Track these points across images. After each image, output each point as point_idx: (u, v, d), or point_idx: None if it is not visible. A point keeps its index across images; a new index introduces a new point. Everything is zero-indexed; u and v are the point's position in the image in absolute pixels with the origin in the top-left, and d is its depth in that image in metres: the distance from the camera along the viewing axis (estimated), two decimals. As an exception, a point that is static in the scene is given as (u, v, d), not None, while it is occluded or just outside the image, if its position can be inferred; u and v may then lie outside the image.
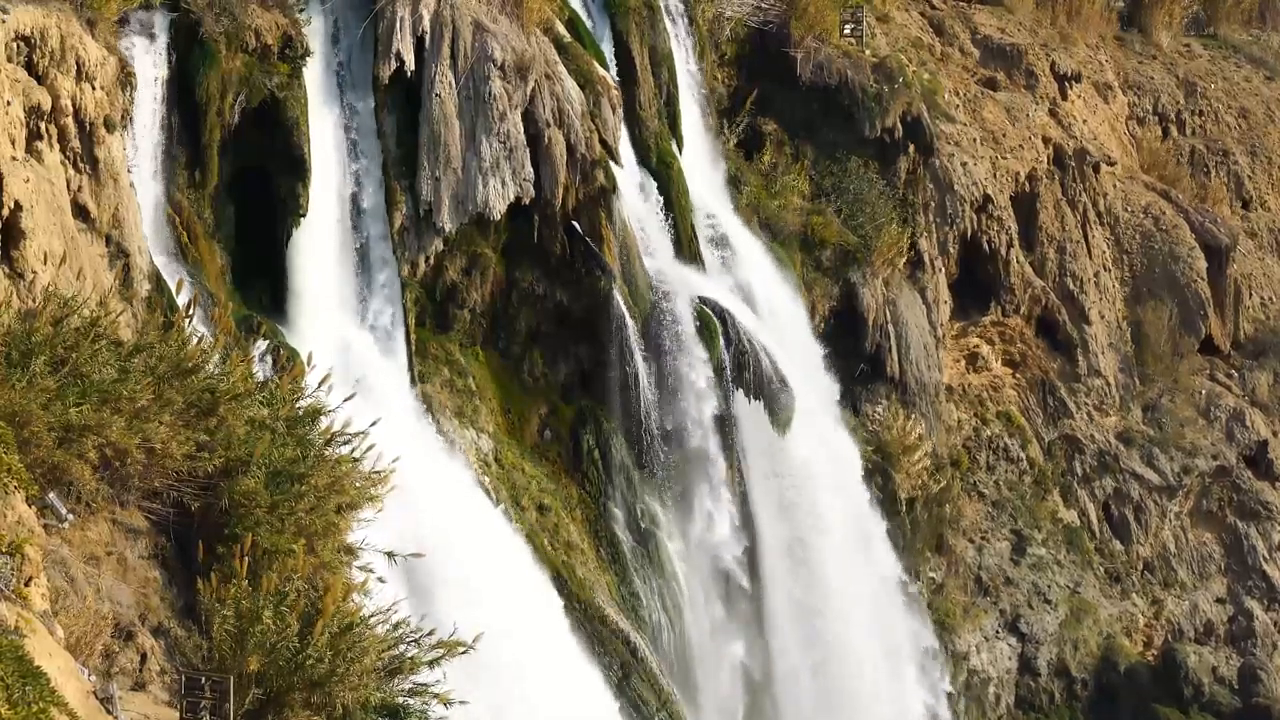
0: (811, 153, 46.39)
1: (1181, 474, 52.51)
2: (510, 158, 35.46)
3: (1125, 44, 62.06)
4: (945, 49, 54.52)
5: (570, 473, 37.71)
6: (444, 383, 35.95)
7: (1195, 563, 52.73)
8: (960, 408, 49.93)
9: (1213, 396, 54.90)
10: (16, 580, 15.16)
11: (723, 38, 45.89)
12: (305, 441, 20.34)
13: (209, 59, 31.70)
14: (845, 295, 44.64)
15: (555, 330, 37.74)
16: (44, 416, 17.77)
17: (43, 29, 26.94)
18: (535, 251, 37.04)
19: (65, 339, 18.98)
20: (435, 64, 35.11)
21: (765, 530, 40.07)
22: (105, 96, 28.32)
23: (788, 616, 40.40)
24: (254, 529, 18.74)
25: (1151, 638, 51.14)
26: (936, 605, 46.26)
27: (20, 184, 25.10)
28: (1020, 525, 49.54)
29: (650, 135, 40.69)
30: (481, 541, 32.65)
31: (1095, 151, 54.48)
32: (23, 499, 16.37)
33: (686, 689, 37.50)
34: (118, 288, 27.01)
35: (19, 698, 13.08)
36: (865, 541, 42.77)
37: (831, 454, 42.29)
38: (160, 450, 18.85)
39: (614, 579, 37.10)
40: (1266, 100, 63.44)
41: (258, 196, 33.03)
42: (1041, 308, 51.39)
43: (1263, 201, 61.43)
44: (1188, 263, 55.06)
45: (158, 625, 18.44)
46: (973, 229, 49.43)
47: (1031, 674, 48.11)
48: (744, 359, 39.11)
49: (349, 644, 17.79)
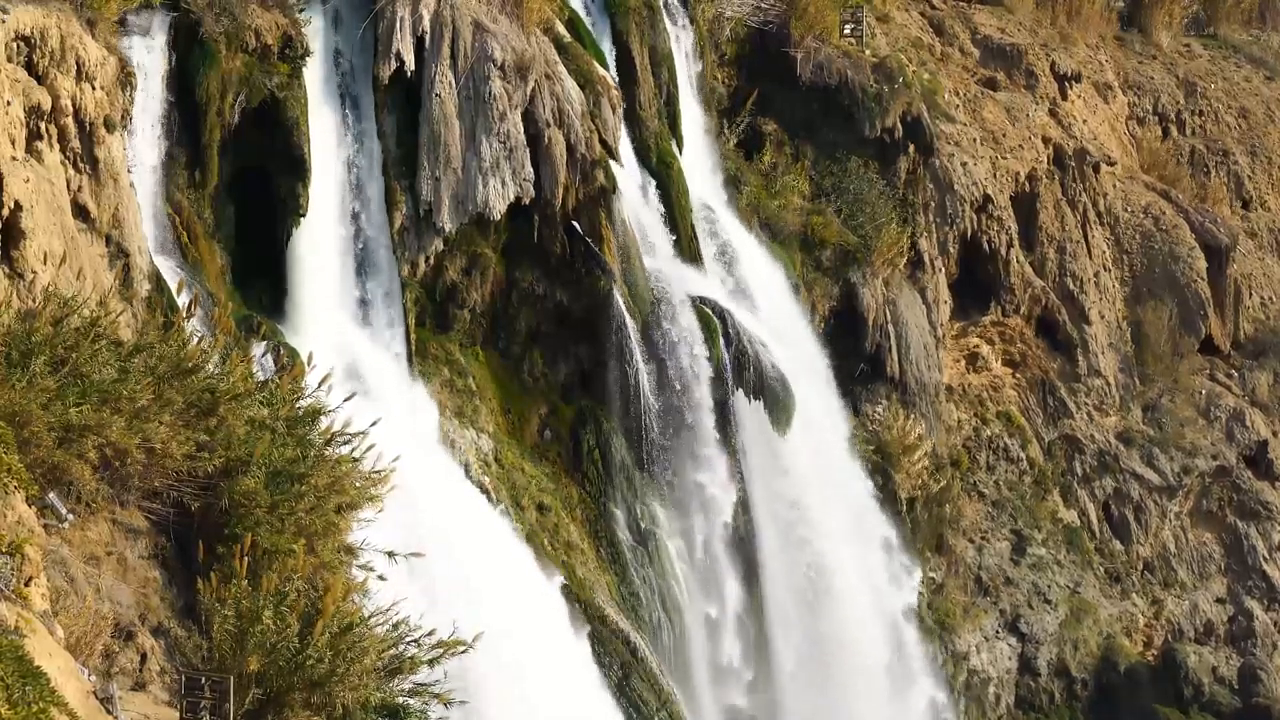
0: (811, 153, 46.40)
1: (1181, 474, 52.50)
2: (510, 158, 35.46)
3: (1125, 44, 62.04)
4: (945, 49, 54.51)
5: (570, 473, 37.70)
6: (444, 383, 35.95)
7: (1195, 563, 52.72)
8: (960, 408, 49.93)
9: (1213, 396, 54.88)
10: (16, 580, 15.16)
11: (723, 38, 45.89)
12: (305, 441, 20.35)
13: (209, 59, 31.69)
14: (845, 295, 44.65)
15: (555, 330, 37.73)
16: (44, 416, 17.77)
17: (43, 29, 26.92)
18: (535, 251, 37.04)
19: (65, 339, 18.98)
20: (435, 64, 35.11)
21: (765, 530, 40.07)
22: (105, 96, 28.30)
23: (788, 616, 40.40)
24: (254, 529, 18.74)
25: (1151, 638, 51.13)
26: (936, 605, 46.26)
27: (20, 184, 25.09)
28: (1020, 525, 49.53)
29: (650, 135, 40.69)
30: (481, 541, 32.64)
31: (1095, 151, 54.46)
32: (23, 499, 16.37)
33: (686, 688, 37.50)
34: (118, 288, 26.99)
35: (19, 698, 13.08)
36: (866, 541, 42.78)
37: (831, 454, 42.29)
38: (160, 450, 18.85)
39: (614, 579, 37.09)
40: (1266, 100, 63.42)
41: (258, 196, 33.01)
42: (1041, 308, 51.38)
43: (1263, 201, 61.41)
44: (1188, 263, 55.05)
45: (158, 625, 18.44)
46: (973, 229, 49.43)
47: (1031, 674, 48.10)
48: (744, 359, 39.12)
49: (349, 644, 17.79)
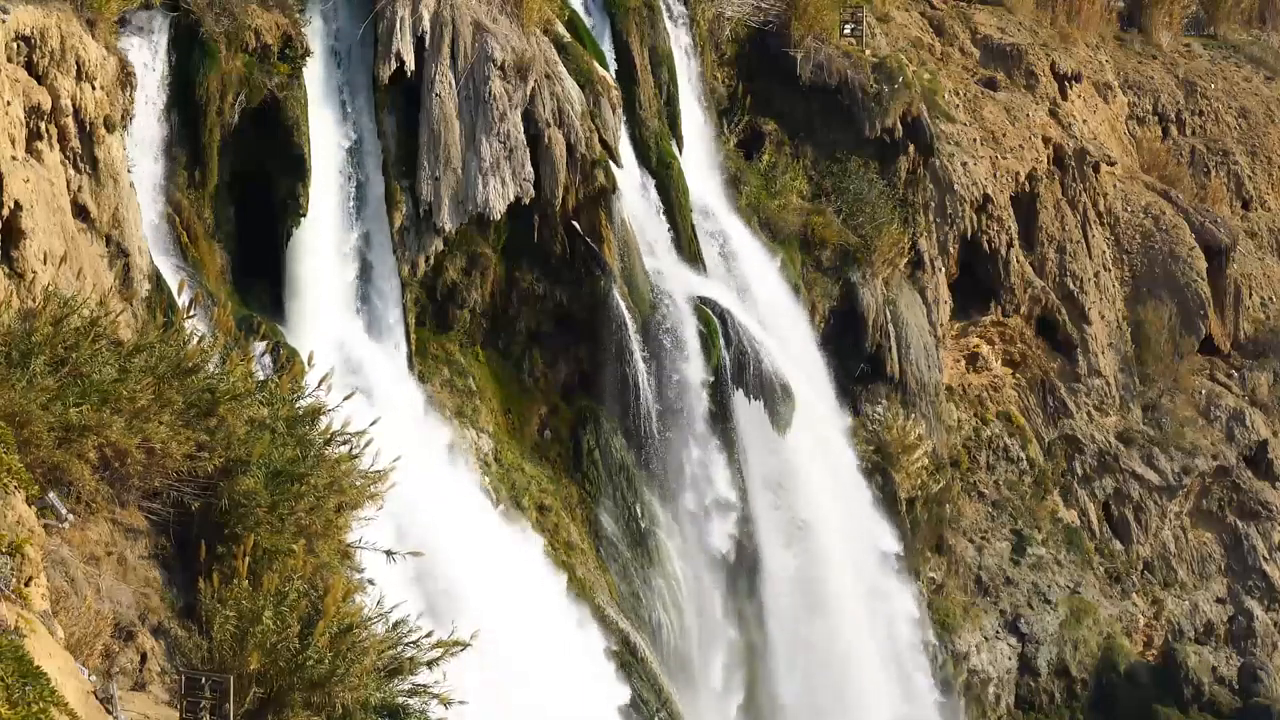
0: (811, 153, 46.38)
1: (1181, 474, 52.49)
2: (510, 158, 35.45)
3: (1125, 44, 62.03)
4: (945, 49, 54.51)
5: (570, 473, 37.70)
6: (444, 383, 35.95)
7: (1195, 563, 52.72)
8: (960, 408, 49.92)
9: (1213, 396, 54.89)
10: (16, 580, 15.16)
11: (723, 38, 45.87)
12: (305, 441, 20.36)
13: (209, 59, 31.69)
14: (845, 295, 44.63)
15: (555, 330, 37.73)
16: (44, 416, 17.77)
17: (43, 29, 26.91)
18: (535, 251, 37.04)
19: (65, 339, 18.98)
20: (435, 64, 35.11)
21: (765, 530, 40.05)
22: (105, 96, 28.30)
23: (787, 616, 40.39)
24: (254, 529, 18.75)
25: (1151, 638, 51.13)
26: (936, 605, 46.25)
27: (20, 184, 25.09)
28: (1020, 525, 49.52)
29: (650, 135, 40.67)
30: (480, 541, 32.65)
31: (1095, 151, 54.46)
32: (23, 499, 16.36)
33: (686, 687, 37.50)
34: (118, 288, 27.01)
35: (19, 698, 13.08)
36: (866, 542, 42.76)
37: (831, 454, 42.28)
38: (160, 450, 18.85)
39: (614, 579, 37.09)
40: (1266, 100, 63.40)
41: (257, 196, 33.01)
42: (1041, 308, 51.37)
43: (1263, 201, 61.41)
44: (1188, 263, 55.06)
45: (158, 625, 18.44)
46: (973, 229, 49.42)
47: (1031, 674, 48.09)
48: (744, 359, 39.11)
49: (349, 644, 17.79)
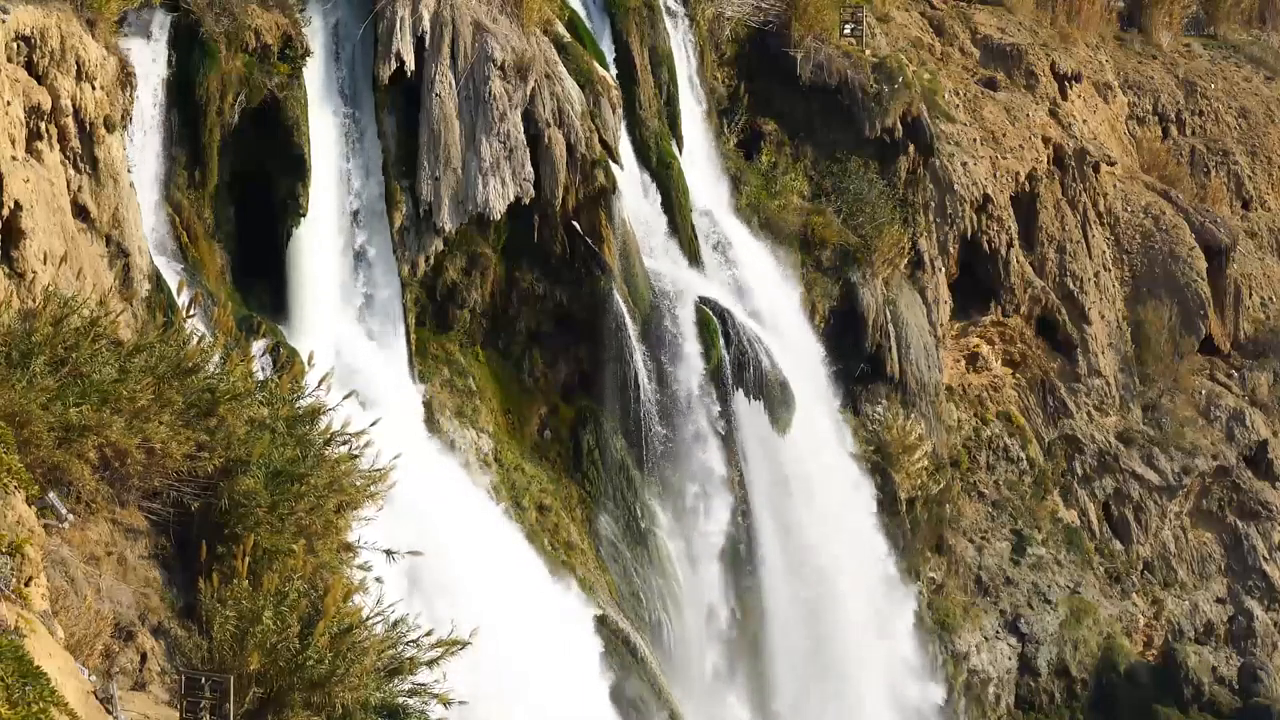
0: (811, 153, 46.38)
1: (1181, 474, 52.48)
2: (510, 158, 35.45)
3: (1125, 44, 62.02)
4: (945, 49, 54.50)
5: (570, 473, 37.70)
6: (444, 383, 35.95)
7: (1195, 563, 52.71)
8: (960, 408, 49.92)
9: (1213, 396, 54.88)
10: (16, 580, 15.16)
11: (723, 37, 45.87)
12: (305, 441, 20.35)
13: (209, 59, 31.70)
14: (845, 295, 44.62)
15: (555, 330, 37.73)
16: (44, 416, 17.76)
17: (43, 29, 26.92)
18: (535, 251, 37.04)
19: (65, 339, 18.98)
20: (435, 64, 35.11)
21: (765, 530, 40.05)
22: (105, 96, 28.30)
23: (787, 615, 40.39)
24: (254, 529, 18.74)
25: (1151, 638, 51.13)
26: (936, 605, 46.25)
27: (20, 184, 25.09)
28: (1020, 525, 49.52)
29: (650, 135, 40.68)
30: (480, 541, 32.65)
31: (1095, 151, 54.45)
32: (23, 499, 16.36)
33: (686, 687, 37.50)
34: (118, 288, 27.01)
35: (19, 698, 13.08)
36: (866, 541, 42.76)
37: (831, 454, 42.27)
38: (160, 450, 18.84)
39: (614, 579, 37.09)
40: (1266, 100, 63.40)
41: (257, 196, 33.02)
42: (1041, 308, 51.37)
43: (1263, 201, 61.40)
44: (1188, 263, 55.05)
45: (158, 625, 18.43)
46: (973, 229, 49.42)
47: (1031, 674, 48.09)
48: (744, 359, 39.11)
49: (349, 644, 17.79)
